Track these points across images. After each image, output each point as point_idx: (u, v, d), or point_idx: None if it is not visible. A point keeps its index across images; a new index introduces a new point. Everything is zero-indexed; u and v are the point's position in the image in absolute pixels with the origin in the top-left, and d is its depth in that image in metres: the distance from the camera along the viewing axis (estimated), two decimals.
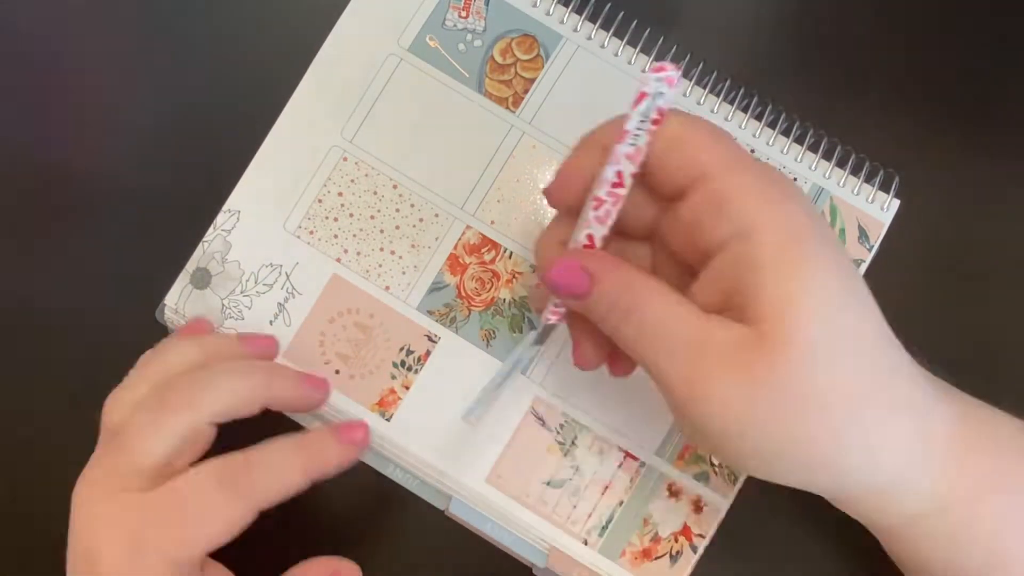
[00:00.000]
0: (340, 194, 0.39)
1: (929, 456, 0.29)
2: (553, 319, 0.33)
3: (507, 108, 0.39)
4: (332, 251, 0.39)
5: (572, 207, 0.31)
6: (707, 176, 0.29)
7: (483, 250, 0.39)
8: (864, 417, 0.28)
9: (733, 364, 0.28)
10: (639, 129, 0.29)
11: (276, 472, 0.32)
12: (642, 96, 0.29)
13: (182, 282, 0.39)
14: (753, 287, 0.28)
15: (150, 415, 0.32)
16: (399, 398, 0.38)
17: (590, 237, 0.31)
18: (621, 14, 0.39)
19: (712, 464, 0.38)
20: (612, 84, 0.39)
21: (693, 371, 0.28)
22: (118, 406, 0.34)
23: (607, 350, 0.33)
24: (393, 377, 0.39)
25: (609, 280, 0.30)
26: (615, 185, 0.30)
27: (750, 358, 0.27)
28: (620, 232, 0.32)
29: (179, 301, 0.39)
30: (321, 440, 0.34)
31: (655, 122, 0.29)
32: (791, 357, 0.27)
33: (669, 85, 0.29)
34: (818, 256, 0.28)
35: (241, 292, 0.39)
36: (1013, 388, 0.40)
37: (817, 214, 0.29)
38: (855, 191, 0.39)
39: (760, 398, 0.27)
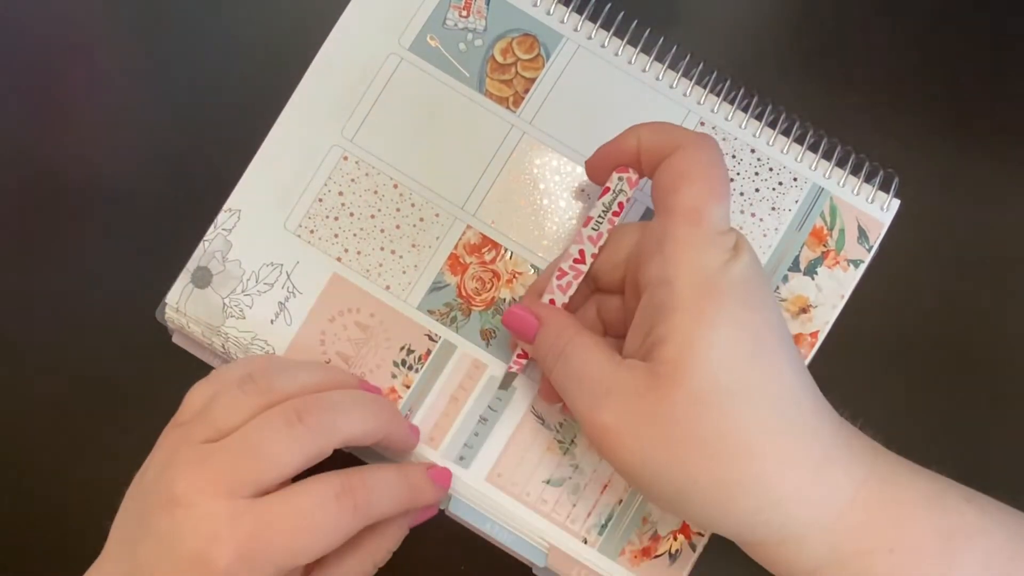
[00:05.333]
0: (340, 193, 0.39)
1: (824, 513, 0.30)
2: (515, 368, 0.37)
3: (508, 108, 0.39)
4: (333, 250, 0.39)
5: (600, 182, 0.36)
6: (672, 210, 0.31)
7: (483, 250, 0.39)
8: (752, 470, 0.29)
9: (630, 404, 0.30)
10: (601, 217, 0.35)
11: (384, 496, 0.34)
12: (606, 191, 0.35)
13: (183, 281, 0.39)
14: (663, 331, 0.30)
15: (289, 431, 0.32)
16: (400, 397, 0.39)
17: (551, 302, 0.35)
18: (621, 14, 0.39)
19: None
20: (612, 84, 0.39)
21: (598, 411, 0.31)
22: (228, 408, 0.33)
23: None
24: (394, 376, 0.39)
25: (547, 327, 0.34)
26: (577, 261, 0.35)
27: (645, 399, 0.30)
28: (596, 289, 0.36)
29: (180, 300, 0.39)
30: (421, 477, 0.36)
31: (615, 213, 0.35)
32: (679, 400, 0.29)
33: (629, 185, 0.34)
34: (731, 311, 0.30)
35: (242, 291, 0.39)
36: (1014, 388, 0.40)
37: (755, 272, 0.31)
38: (855, 191, 0.39)
39: (652, 437, 0.30)
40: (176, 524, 0.31)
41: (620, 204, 0.35)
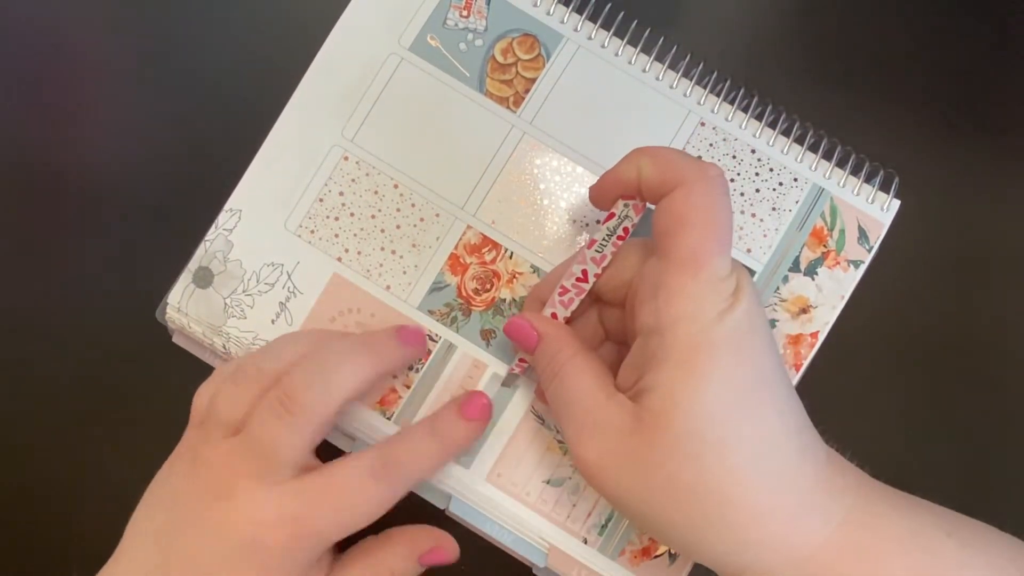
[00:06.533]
0: (341, 193, 0.39)
1: (796, 556, 0.30)
2: (517, 370, 0.38)
3: (508, 108, 0.39)
4: (333, 250, 0.39)
5: (605, 208, 0.35)
6: (669, 255, 0.31)
7: (484, 250, 0.39)
8: (726, 519, 0.30)
9: (614, 443, 0.31)
10: (605, 240, 0.35)
11: (417, 462, 0.35)
12: (611, 216, 0.34)
13: (184, 281, 0.39)
14: (652, 380, 0.30)
15: (280, 422, 0.33)
16: (400, 397, 0.39)
17: (553, 315, 0.35)
18: (622, 14, 0.39)
19: None
20: (613, 84, 0.39)
21: (584, 446, 0.32)
22: (227, 403, 0.34)
23: None
24: (394, 376, 0.39)
25: (545, 343, 0.34)
26: (579, 280, 0.35)
27: (628, 441, 0.30)
28: (598, 298, 0.36)
29: (181, 300, 0.39)
30: (451, 423, 0.37)
31: (620, 238, 0.34)
32: (660, 448, 0.30)
33: (635, 212, 0.34)
34: (720, 366, 0.30)
35: (243, 291, 0.39)
36: (1015, 387, 0.40)
37: (751, 318, 0.30)
38: (855, 191, 0.39)
39: (633, 476, 0.30)
40: (224, 514, 0.32)
41: (625, 229, 0.34)
